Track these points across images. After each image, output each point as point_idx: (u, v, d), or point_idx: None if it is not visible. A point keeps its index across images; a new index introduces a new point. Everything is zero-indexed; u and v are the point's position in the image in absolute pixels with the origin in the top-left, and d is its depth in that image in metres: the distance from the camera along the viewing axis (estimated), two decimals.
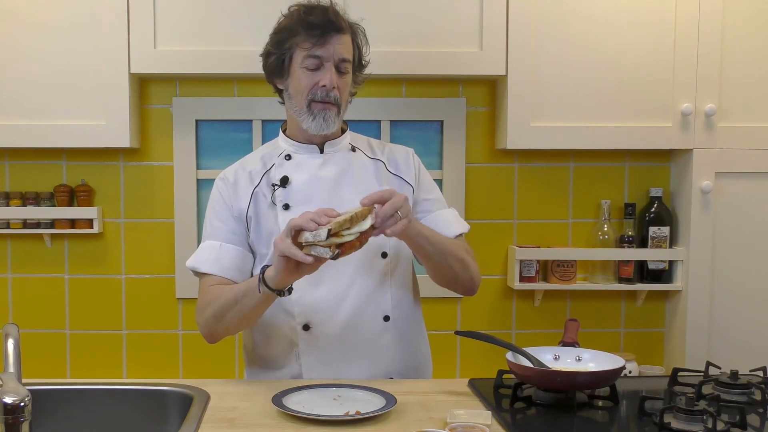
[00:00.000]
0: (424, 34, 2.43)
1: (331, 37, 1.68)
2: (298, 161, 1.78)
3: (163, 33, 2.39)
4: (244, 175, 1.79)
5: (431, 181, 1.89)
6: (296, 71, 1.71)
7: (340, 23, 1.70)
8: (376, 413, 1.42)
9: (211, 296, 1.70)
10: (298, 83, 1.71)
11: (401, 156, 1.86)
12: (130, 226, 2.64)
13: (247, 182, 1.78)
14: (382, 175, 1.81)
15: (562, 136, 2.47)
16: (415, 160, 1.87)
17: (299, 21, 1.70)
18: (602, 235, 2.63)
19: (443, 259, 1.72)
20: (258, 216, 1.77)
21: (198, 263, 1.75)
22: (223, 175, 1.81)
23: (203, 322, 1.72)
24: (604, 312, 2.74)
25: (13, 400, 1.12)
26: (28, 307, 2.64)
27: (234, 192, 1.78)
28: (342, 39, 1.70)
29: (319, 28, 1.67)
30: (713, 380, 1.61)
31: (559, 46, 2.45)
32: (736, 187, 2.51)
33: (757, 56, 2.49)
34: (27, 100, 2.39)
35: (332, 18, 1.69)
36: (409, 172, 1.83)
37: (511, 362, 1.56)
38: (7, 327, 1.31)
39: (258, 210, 1.77)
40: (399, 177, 1.82)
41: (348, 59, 1.72)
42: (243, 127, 2.62)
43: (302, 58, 1.69)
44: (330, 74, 1.68)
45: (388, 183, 1.79)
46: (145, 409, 1.61)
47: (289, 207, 1.74)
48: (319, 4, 1.73)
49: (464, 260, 1.76)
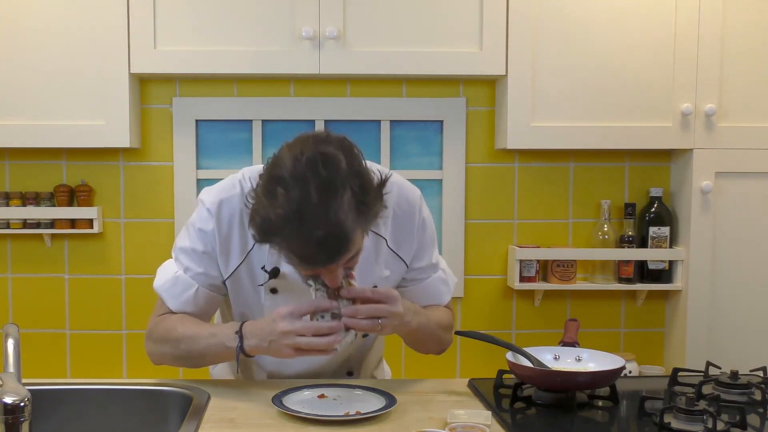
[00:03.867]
0: (424, 34, 2.43)
1: (332, 261, 1.36)
2: None
3: (163, 33, 2.39)
4: (238, 229, 1.54)
5: (431, 241, 1.68)
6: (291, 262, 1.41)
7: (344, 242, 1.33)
8: (376, 413, 1.42)
9: (169, 330, 1.57)
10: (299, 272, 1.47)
11: (406, 225, 1.62)
12: (130, 226, 2.64)
13: (239, 245, 1.55)
14: (381, 253, 1.62)
15: (562, 136, 2.47)
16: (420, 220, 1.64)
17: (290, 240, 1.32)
18: (602, 235, 2.63)
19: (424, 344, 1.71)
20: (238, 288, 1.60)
21: (168, 297, 1.59)
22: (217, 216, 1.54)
23: (155, 353, 1.62)
24: (604, 312, 2.73)
25: (13, 400, 1.12)
26: (28, 307, 2.64)
27: (224, 250, 1.55)
28: (346, 253, 1.35)
29: (318, 257, 1.34)
30: (713, 380, 1.61)
31: (559, 46, 2.45)
32: (736, 187, 2.51)
33: (757, 56, 2.49)
34: (27, 100, 2.39)
35: (333, 243, 1.32)
36: (410, 247, 1.64)
37: (511, 362, 1.55)
38: (7, 327, 1.31)
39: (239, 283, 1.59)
40: (397, 255, 1.63)
41: (354, 255, 1.40)
42: (243, 127, 2.62)
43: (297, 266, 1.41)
44: (334, 278, 1.41)
45: (385, 260, 1.62)
46: (145, 409, 1.61)
47: (278, 292, 1.58)
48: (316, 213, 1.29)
49: (442, 339, 1.71)
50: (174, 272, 1.59)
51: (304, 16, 2.38)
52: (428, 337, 1.67)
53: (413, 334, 1.63)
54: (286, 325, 1.41)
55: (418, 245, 1.65)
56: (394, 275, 1.65)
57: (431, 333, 1.66)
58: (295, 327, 1.41)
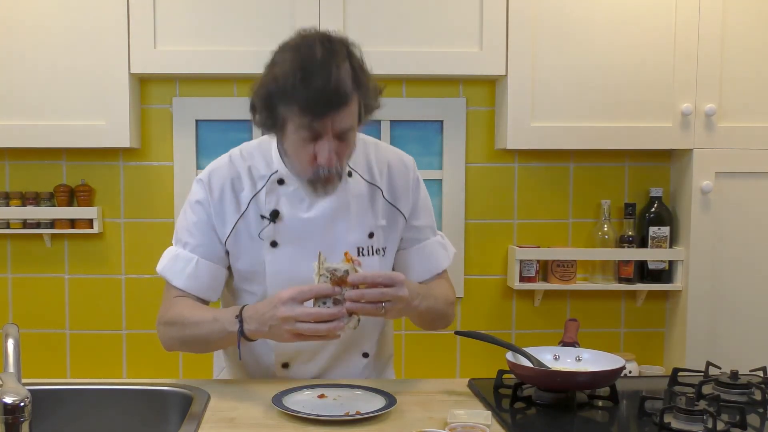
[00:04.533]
0: (424, 34, 2.43)
1: (330, 112, 1.45)
2: (291, 192, 1.61)
3: (163, 33, 2.40)
4: (230, 193, 1.61)
5: (426, 203, 1.75)
6: (290, 135, 1.51)
7: (343, 97, 1.45)
8: (376, 413, 1.42)
9: (177, 315, 1.60)
10: (294, 151, 1.53)
11: (401, 178, 1.70)
12: (130, 226, 2.64)
13: (233, 207, 1.61)
14: (378, 203, 1.67)
15: (562, 136, 2.47)
16: (414, 179, 1.73)
17: (294, 89, 1.44)
18: (602, 235, 2.63)
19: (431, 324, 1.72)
20: (239, 250, 1.63)
21: (170, 275, 1.63)
22: (207, 182, 1.62)
23: (166, 338, 1.63)
24: (604, 312, 2.74)
25: (13, 400, 1.12)
26: (28, 307, 2.64)
27: (218, 213, 1.61)
28: (343, 112, 1.46)
29: (317, 105, 1.44)
30: (713, 380, 1.61)
31: (559, 46, 2.46)
32: (736, 187, 2.51)
33: (757, 56, 2.49)
34: (27, 100, 2.39)
35: (333, 93, 1.44)
36: (407, 200, 1.70)
37: (511, 362, 1.56)
38: (7, 327, 1.31)
39: (239, 243, 1.62)
40: (394, 207, 1.69)
41: (349, 127, 1.51)
42: (243, 127, 2.62)
43: (296, 126, 1.48)
44: (328, 152, 1.49)
45: (382, 211, 1.67)
46: (145, 409, 1.61)
47: (278, 245, 1.61)
48: (319, 66, 1.43)
49: (448, 315, 1.73)
50: (174, 252, 1.65)
51: (304, 16, 2.38)
52: (436, 317, 1.70)
53: (422, 317, 1.65)
54: (286, 311, 1.41)
55: (413, 202, 1.71)
56: (393, 228, 1.68)
57: (440, 313, 1.69)
58: (296, 312, 1.41)
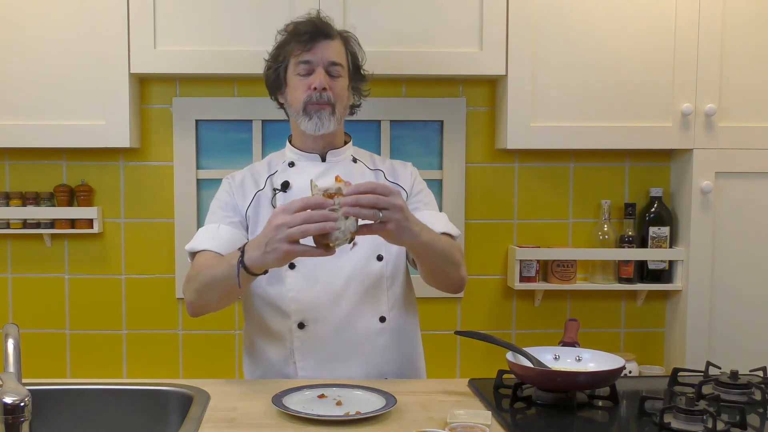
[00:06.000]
0: (424, 34, 2.43)
1: (319, 42, 1.77)
2: (300, 168, 1.85)
3: (163, 33, 2.39)
4: (250, 177, 1.88)
5: (427, 191, 1.93)
6: (291, 80, 1.81)
7: (328, 30, 1.80)
8: (376, 413, 1.43)
9: (197, 269, 1.72)
10: (294, 90, 1.80)
11: (400, 167, 1.93)
12: (130, 226, 2.64)
13: (252, 184, 1.86)
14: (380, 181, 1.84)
15: (562, 136, 2.47)
16: (412, 170, 1.94)
17: (290, 32, 1.83)
18: (602, 235, 2.63)
19: (439, 266, 1.71)
20: (257, 217, 1.82)
21: (195, 244, 1.79)
22: (231, 176, 1.91)
23: (187, 296, 1.74)
24: (604, 312, 2.74)
25: (13, 400, 1.12)
26: (28, 307, 2.64)
27: (239, 190, 1.85)
28: (330, 44, 1.79)
29: (307, 34, 1.78)
30: (713, 380, 1.61)
31: (559, 46, 2.45)
32: (736, 187, 2.51)
33: (757, 56, 2.49)
34: (27, 100, 2.39)
35: (319, 25, 1.80)
36: (406, 180, 1.90)
37: (511, 362, 1.56)
38: (7, 327, 1.31)
39: (258, 212, 1.82)
40: (396, 184, 1.86)
41: (338, 62, 1.80)
42: (243, 127, 2.62)
43: (294, 65, 1.79)
44: (320, 76, 1.76)
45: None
46: (145, 409, 1.61)
47: None
48: (309, 16, 1.84)
49: (458, 264, 1.76)
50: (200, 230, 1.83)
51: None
52: (442, 260, 1.69)
53: (425, 251, 1.64)
54: (279, 219, 1.49)
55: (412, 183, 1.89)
56: None
57: (444, 255, 1.69)
58: (287, 219, 1.47)
